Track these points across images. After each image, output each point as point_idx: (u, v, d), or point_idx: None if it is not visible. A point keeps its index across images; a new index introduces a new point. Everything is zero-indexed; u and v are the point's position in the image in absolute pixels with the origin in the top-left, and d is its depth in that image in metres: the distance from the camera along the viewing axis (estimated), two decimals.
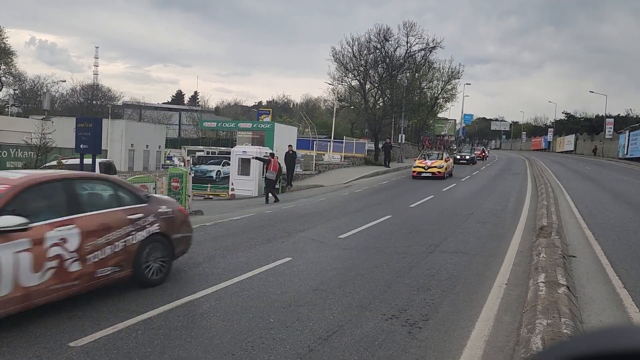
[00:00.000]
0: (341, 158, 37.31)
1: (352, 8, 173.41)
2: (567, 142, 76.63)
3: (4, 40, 49.69)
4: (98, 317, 5.45)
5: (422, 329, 5.12)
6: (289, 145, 24.39)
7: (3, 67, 50.64)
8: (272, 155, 20.13)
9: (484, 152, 56.09)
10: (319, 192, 21.99)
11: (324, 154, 38.20)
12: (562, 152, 75.73)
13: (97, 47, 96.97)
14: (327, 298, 6.18)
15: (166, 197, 8.98)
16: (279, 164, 19.41)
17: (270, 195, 18.69)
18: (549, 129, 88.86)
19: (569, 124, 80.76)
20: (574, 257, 8.11)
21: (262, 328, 5.14)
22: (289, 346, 4.67)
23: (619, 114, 70.82)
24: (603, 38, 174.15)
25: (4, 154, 24.01)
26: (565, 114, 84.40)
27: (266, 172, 18.99)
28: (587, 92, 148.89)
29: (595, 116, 75.58)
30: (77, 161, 13.40)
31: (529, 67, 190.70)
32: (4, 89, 54.23)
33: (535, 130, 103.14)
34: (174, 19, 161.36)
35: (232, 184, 23.03)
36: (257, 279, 7.10)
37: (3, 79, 52.18)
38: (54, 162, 13.06)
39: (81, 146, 12.35)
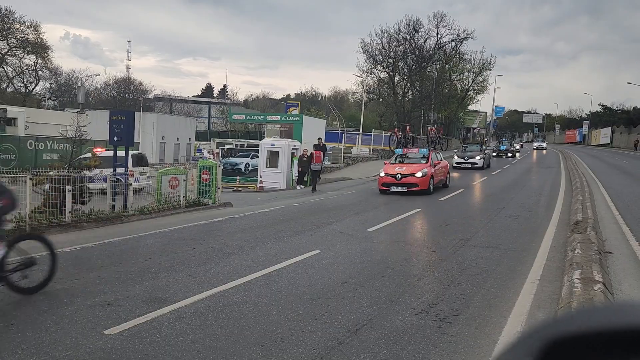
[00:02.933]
0: (370, 151, 37.15)
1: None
2: (603, 135, 74.36)
3: (40, 35, 51.06)
4: (131, 306, 5.57)
5: (453, 323, 5.06)
6: (319, 138, 24.39)
7: (40, 61, 52.03)
8: (317, 147, 21.42)
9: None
10: (347, 184, 21.95)
11: (352, 147, 38.09)
12: (597, 145, 73.58)
13: (129, 42, 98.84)
14: (356, 291, 6.16)
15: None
16: (322, 154, 21.40)
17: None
18: (584, 122, 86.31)
19: (606, 117, 78.29)
20: (611, 253, 7.88)
21: (291, 320, 5.16)
22: (318, 338, 4.67)
23: None
24: None
25: (41, 146, 24.75)
26: (602, 106, 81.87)
27: (311, 164, 20.44)
28: (625, 83, 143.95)
29: (633, 108, 73.11)
30: (110, 153, 13.69)
31: (563, 58, 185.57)
32: (40, 83, 55.80)
33: (570, 122, 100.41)
34: (203, 12, 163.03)
35: (261, 177, 23.19)
36: (286, 271, 7.14)
37: (40, 73, 53.67)
38: (89, 154, 13.38)
39: (115, 138, 12.61)
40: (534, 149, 57.18)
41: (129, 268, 7.31)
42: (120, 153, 12.99)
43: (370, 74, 44.89)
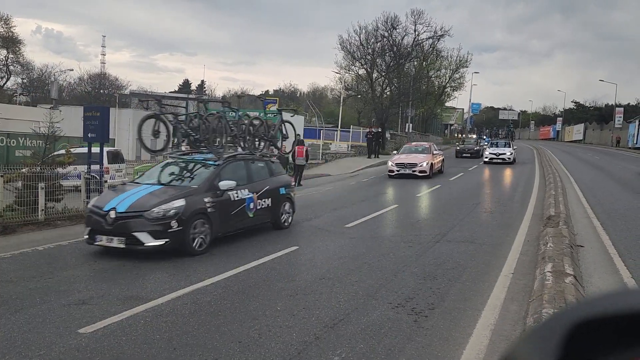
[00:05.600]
0: (348, 147, 37.26)
1: None
2: (576, 131, 75.96)
3: (11, 29, 49.86)
4: (107, 305, 5.51)
5: (428, 317, 5.14)
6: (297, 134, 24.37)
7: (11, 56, 50.81)
8: (300, 142, 21.61)
9: None
10: (325, 181, 21.99)
11: (330, 143, 38.14)
12: (571, 141, 75.13)
13: (104, 36, 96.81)
14: (334, 286, 6.20)
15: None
16: (306, 150, 21.67)
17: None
18: (558, 118, 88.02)
19: (578, 113, 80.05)
20: (582, 246, 8.08)
21: (269, 316, 5.17)
22: (295, 334, 4.70)
23: (629, 103, 70.10)
24: (614, 25, 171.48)
25: (13, 142, 24.15)
26: (575, 103, 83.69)
27: (296, 158, 20.73)
28: (597, 80, 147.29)
29: (605, 105, 74.90)
30: (84, 150, 13.44)
31: (537, 55, 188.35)
32: (12, 78, 54.50)
33: (544, 119, 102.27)
34: (179, 6, 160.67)
35: None
36: (264, 267, 7.14)
37: (11, 67, 52.41)
38: (63, 151, 13.12)
39: (89, 135, 12.38)
40: (484, 161, 29.01)
41: (104, 266, 7.22)
42: (95, 150, 12.77)
43: (349, 71, 44.99)
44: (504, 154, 29.00)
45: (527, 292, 5.79)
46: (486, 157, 29.39)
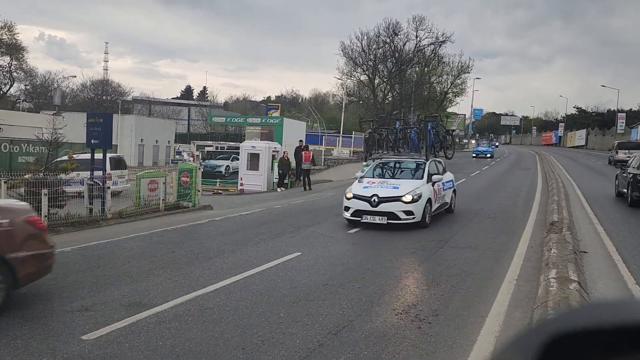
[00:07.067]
0: (350, 153, 37.30)
1: (358, 1, 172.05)
2: (578, 137, 75.88)
3: (15, 36, 50.08)
4: (110, 311, 5.50)
5: (432, 324, 5.11)
6: (300, 140, 24.39)
7: (14, 62, 51.01)
8: (306, 147, 21.54)
9: None
10: (328, 187, 21.99)
11: (332, 149, 38.19)
12: (573, 147, 75.03)
13: (106, 43, 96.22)
14: (337, 293, 6.18)
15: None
16: (311, 155, 21.73)
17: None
18: (560, 124, 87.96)
19: (580, 119, 79.90)
20: (585, 252, 8.05)
21: (272, 322, 5.16)
22: (298, 341, 4.68)
23: (630, 109, 69.96)
24: (614, 30, 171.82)
25: (16, 149, 24.21)
26: (577, 108, 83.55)
27: (302, 163, 21.02)
28: (599, 86, 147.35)
29: (607, 111, 74.82)
30: (87, 156, 13.48)
31: (538, 60, 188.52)
32: (15, 85, 54.67)
33: (546, 124, 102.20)
34: (180, 13, 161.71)
35: (241, 179, 23.09)
36: (266, 273, 7.12)
37: (14, 74, 52.60)
38: (65, 157, 13.16)
39: (92, 141, 12.42)
40: (346, 218, 10.98)
41: (107, 272, 7.21)
42: (98, 156, 12.80)
43: (351, 77, 45.11)
44: (395, 197, 10.68)
45: (531, 299, 5.76)
46: (347, 209, 11.09)
